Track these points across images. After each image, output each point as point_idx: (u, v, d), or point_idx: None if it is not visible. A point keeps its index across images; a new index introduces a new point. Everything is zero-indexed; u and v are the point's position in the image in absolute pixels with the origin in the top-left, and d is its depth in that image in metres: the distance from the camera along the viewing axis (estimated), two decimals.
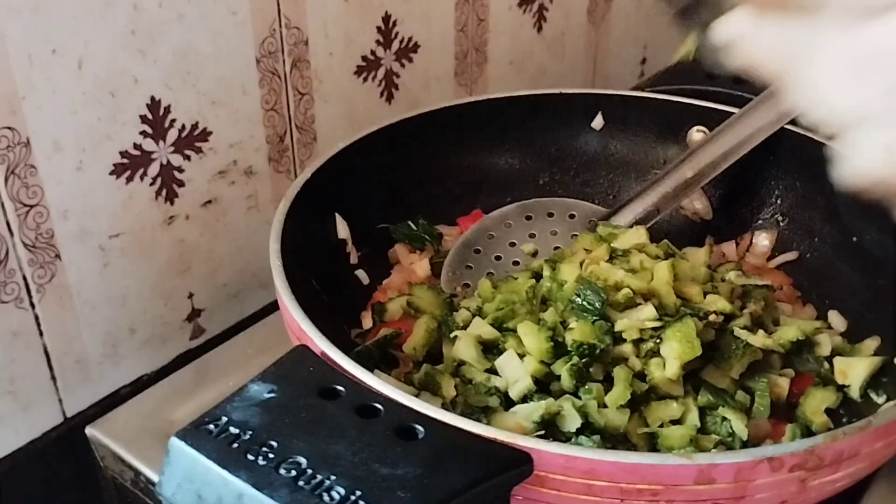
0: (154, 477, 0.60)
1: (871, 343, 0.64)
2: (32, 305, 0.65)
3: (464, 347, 0.58)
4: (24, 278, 0.64)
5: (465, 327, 0.60)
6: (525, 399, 0.54)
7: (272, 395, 0.40)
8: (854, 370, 0.60)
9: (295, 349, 0.45)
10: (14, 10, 0.57)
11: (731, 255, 0.75)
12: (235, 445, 0.38)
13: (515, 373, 0.55)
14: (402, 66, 0.88)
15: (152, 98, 0.67)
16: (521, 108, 0.81)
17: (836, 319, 0.68)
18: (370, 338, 0.64)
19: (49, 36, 0.59)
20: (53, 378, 0.68)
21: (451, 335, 0.60)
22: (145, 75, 0.66)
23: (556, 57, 1.10)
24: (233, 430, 0.39)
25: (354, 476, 0.37)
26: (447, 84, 0.96)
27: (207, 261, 0.77)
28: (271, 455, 0.38)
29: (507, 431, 0.42)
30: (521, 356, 0.56)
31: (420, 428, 0.40)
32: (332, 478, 0.36)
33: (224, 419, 0.39)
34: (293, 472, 0.37)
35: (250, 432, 0.39)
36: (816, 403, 0.57)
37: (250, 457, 0.38)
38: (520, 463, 0.41)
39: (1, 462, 0.67)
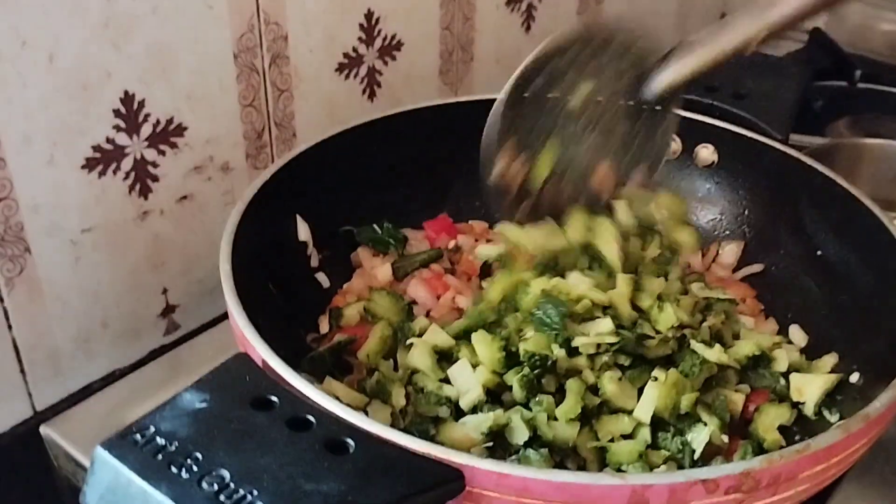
0: None
1: (829, 360, 0.63)
2: (1, 299, 0.64)
3: (418, 355, 0.57)
4: None
5: (422, 335, 0.60)
6: (475, 410, 0.54)
7: (204, 404, 0.40)
8: (809, 388, 0.59)
9: (234, 357, 0.44)
10: None
11: (696, 266, 0.75)
12: (160, 457, 0.38)
13: (467, 382, 0.54)
14: (385, 63, 0.88)
15: (125, 92, 0.66)
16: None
17: (797, 334, 0.68)
18: (325, 343, 0.63)
19: (19, 29, 0.59)
20: (23, 371, 0.68)
21: (407, 342, 0.59)
22: (118, 69, 0.65)
23: None
24: (159, 440, 0.38)
25: (278, 491, 0.36)
26: (432, 83, 0.95)
27: (182, 256, 0.76)
28: (195, 468, 0.37)
29: (440, 446, 0.42)
30: (475, 366, 0.55)
31: (351, 442, 0.39)
32: (255, 493, 0.36)
33: (151, 429, 0.39)
34: (215, 486, 0.37)
35: (176, 443, 0.38)
36: (770, 420, 0.57)
37: (174, 469, 0.37)
38: (451, 479, 0.40)
39: None
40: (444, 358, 0.58)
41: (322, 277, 0.70)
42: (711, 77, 0.80)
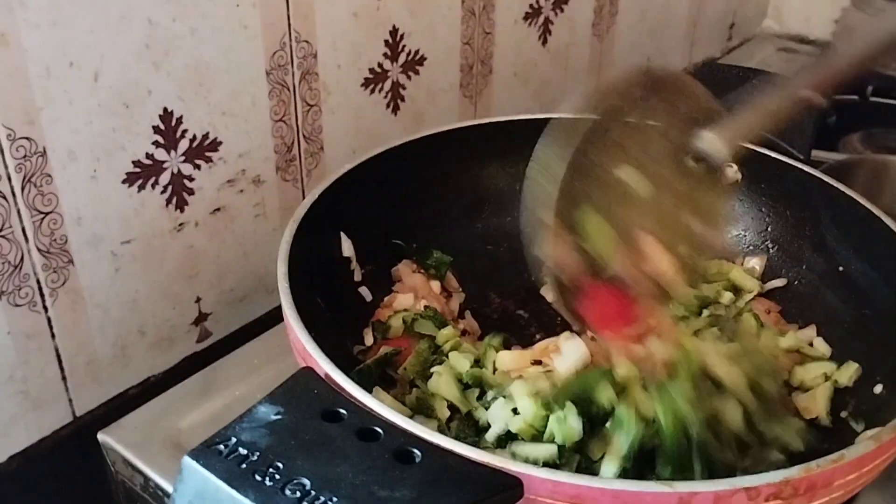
0: (161, 482, 0.62)
1: (851, 367, 0.65)
2: (46, 308, 0.67)
3: (444, 385, 0.59)
4: (38, 282, 0.66)
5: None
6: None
7: (279, 416, 0.42)
8: (813, 403, 0.62)
9: (300, 371, 0.47)
10: (33, 24, 0.59)
11: None
12: (244, 466, 0.40)
13: (501, 422, 0.56)
14: (409, 78, 0.90)
15: (165, 109, 0.69)
16: (526, 129, 0.81)
17: (821, 346, 0.70)
18: (370, 355, 0.65)
19: (67, 49, 0.62)
20: (64, 378, 0.70)
21: (431, 370, 0.61)
22: (158, 87, 0.68)
23: (560, 70, 1.12)
24: (241, 450, 0.41)
25: (355, 498, 0.38)
26: (452, 96, 0.98)
27: (215, 266, 0.79)
28: (277, 476, 0.40)
29: (500, 457, 0.44)
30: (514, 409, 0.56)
31: (417, 452, 0.42)
32: (334, 499, 0.38)
33: (233, 440, 0.41)
34: (298, 494, 0.39)
35: (258, 453, 0.41)
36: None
37: (258, 477, 0.40)
38: (510, 487, 0.42)
39: (11, 459, 0.69)
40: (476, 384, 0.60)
41: (365, 291, 0.73)
42: (734, 98, 0.82)
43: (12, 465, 0.69)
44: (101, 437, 0.67)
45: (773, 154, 0.75)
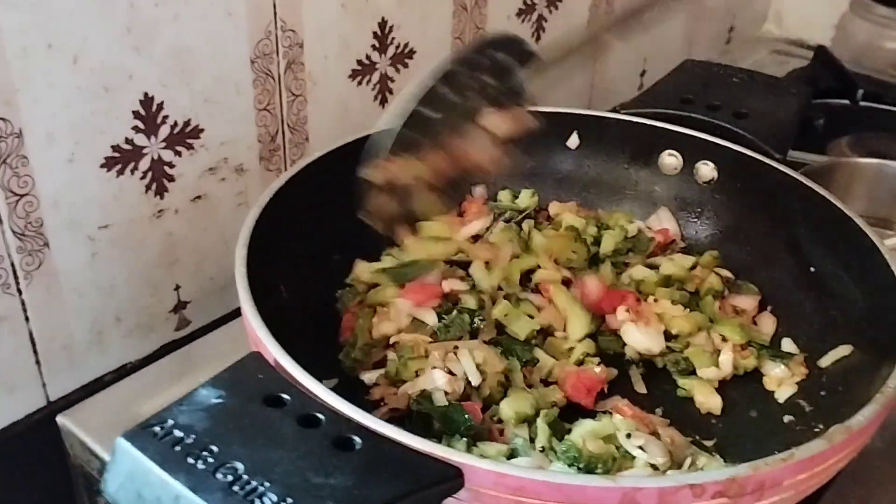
0: None
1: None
2: (20, 291, 0.67)
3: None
4: (13, 265, 0.65)
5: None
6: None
7: (219, 400, 0.42)
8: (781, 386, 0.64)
9: (248, 356, 0.47)
10: (11, 5, 0.59)
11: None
12: (177, 448, 0.40)
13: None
14: (398, 71, 0.90)
15: (146, 94, 0.69)
16: None
17: (789, 346, 0.70)
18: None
19: (46, 30, 0.61)
20: (38, 363, 0.70)
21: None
22: (140, 72, 0.68)
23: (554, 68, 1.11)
24: (177, 433, 0.41)
25: (288, 484, 0.38)
26: None
27: (195, 254, 0.78)
28: (211, 459, 0.39)
29: (441, 446, 0.44)
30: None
31: (357, 439, 0.41)
32: (266, 484, 0.38)
33: (170, 422, 0.41)
34: (229, 477, 0.38)
35: (193, 436, 0.41)
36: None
37: (190, 460, 0.39)
38: (450, 477, 0.42)
39: None
40: None
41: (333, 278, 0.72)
42: (714, 96, 0.82)
43: None
44: (59, 419, 0.66)
45: (750, 153, 0.75)
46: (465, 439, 0.55)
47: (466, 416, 0.57)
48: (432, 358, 0.61)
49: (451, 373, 0.60)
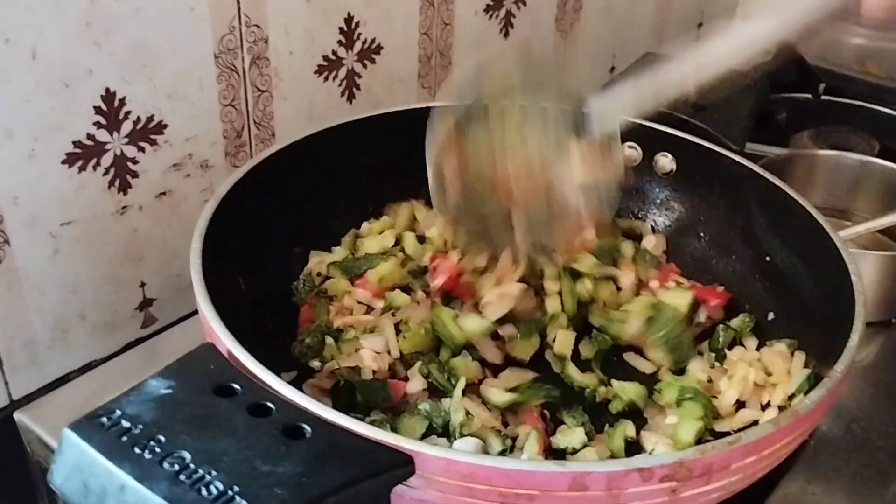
0: None
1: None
2: None
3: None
4: None
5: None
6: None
7: (168, 390, 0.42)
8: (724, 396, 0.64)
9: (200, 346, 0.46)
10: None
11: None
12: (124, 439, 0.40)
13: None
14: (365, 66, 0.90)
15: (107, 90, 0.68)
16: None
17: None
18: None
19: (2, 25, 0.61)
20: (0, 361, 0.69)
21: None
22: (100, 67, 0.67)
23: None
24: (124, 423, 0.40)
25: (236, 472, 0.38)
26: (410, 86, 0.97)
27: (160, 251, 0.78)
28: (158, 449, 0.39)
29: (392, 433, 0.44)
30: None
31: (307, 428, 0.41)
32: (214, 473, 0.38)
33: (117, 413, 0.41)
34: (176, 467, 0.38)
35: (141, 426, 0.40)
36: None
37: (137, 450, 0.39)
38: (400, 464, 0.42)
39: None
40: None
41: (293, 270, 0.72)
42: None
43: None
44: (16, 416, 0.66)
45: (707, 144, 0.76)
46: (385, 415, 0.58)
47: (385, 391, 0.60)
48: (362, 338, 0.64)
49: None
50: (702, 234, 0.77)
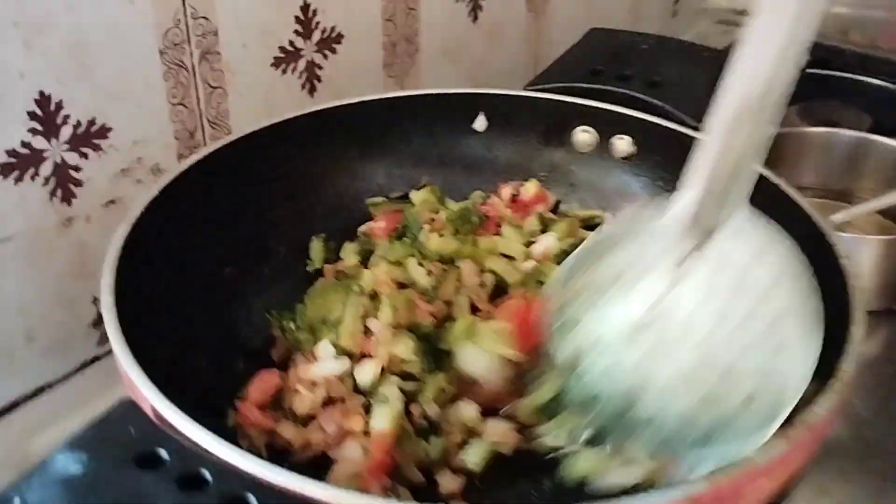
0: None
1: None
2: None
3: None
4: None
5: None
6: None
7: (79, 468, 0.33)
8: None
9: (117, 406, 0.38)
10: None
11: None
12: None
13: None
14: (325, 57, 0.85)
15: (41, 93, 0.63)
16: (394, 110, 0.75)
17: None
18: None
19: None
20: None
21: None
22: (32, 69, 0.62)
23: (494, 48, 1.07)
24: None
25: None
26: (376, 76, 0.92)
27: None
28: None
29: (350, 493, 0.37)
30: None
31: (252, 499, 0.34)
32: None
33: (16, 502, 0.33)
34: None
35: None
36: None
37: None
38: None
39: None
40: None
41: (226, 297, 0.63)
42: (624, 66, 0.76)
43: None
44: None
45: (666, 123, 0.70)
46: None
47: None
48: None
49: None
50: None
